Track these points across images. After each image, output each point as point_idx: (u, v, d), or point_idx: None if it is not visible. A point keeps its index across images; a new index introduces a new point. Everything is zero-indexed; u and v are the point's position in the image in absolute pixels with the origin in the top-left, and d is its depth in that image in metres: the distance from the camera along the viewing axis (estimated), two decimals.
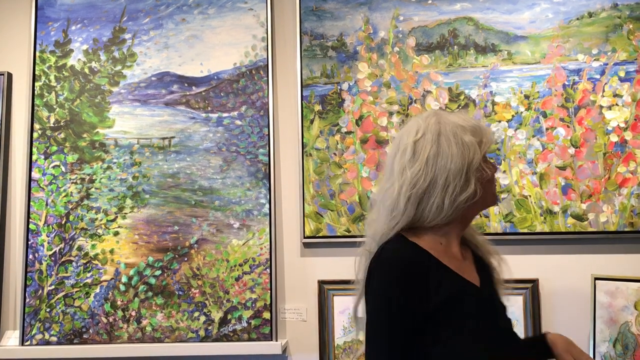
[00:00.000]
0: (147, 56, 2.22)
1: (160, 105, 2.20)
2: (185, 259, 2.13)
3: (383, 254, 1.19)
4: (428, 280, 1.15)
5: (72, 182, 2.19)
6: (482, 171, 1.20)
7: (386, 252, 1.19)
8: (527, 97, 2.05)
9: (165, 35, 2.22)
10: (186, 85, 2.20)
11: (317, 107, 2.14)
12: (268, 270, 2.10)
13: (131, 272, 2.14)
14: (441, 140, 1.19)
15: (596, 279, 1.86)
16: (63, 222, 2.18)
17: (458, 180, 1.17)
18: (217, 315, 2.10)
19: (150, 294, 2.13)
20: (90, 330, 2.13)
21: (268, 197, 2.12)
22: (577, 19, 2.05)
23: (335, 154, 2.12)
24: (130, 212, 2.16)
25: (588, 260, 2.00)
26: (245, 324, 2.09)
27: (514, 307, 1.99)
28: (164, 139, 2.19)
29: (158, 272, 2.13)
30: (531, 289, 2.00)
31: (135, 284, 2.14)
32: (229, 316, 2.10)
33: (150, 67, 2.21)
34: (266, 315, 2.09)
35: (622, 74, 2.01)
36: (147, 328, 2.12)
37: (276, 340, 2.07)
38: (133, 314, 2.13)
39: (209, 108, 2.18)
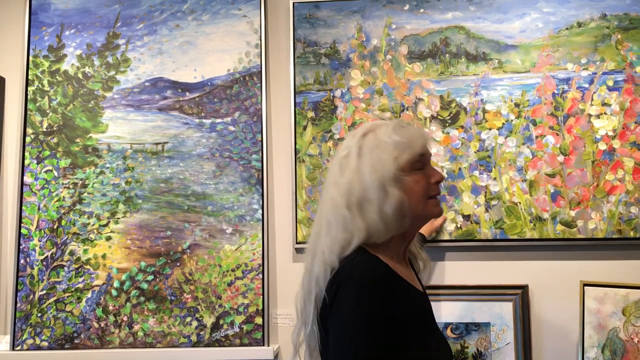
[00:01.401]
0: (140, 62, 2.23)
1: (154, 111, 2.20)
2: (178, 264, 2.13)
3: (354, 273, 1.18)
4: (396, 294, 1.18)
5: (65, 187, 2.19)
6: (400, 181, 1.24)
7: (357, 271, 1.18)
8: (517, 105, 2.08)
9: (159, 41, 2.23)
10: (180, 90, 2.21)
11: (310, 114, 2.15)
12: (260, 275, 2.11)
13: (123, 277, 2.14)
14: (360, 157, 1.25)
15: (585, 285, 1.88)
16: (55, 227, 2.17)
17: (375, 193, 1.21)
18: (209, 321, 2.11)
19: (142, 299, 2.13)
20: (82, 335, 2.13)
21: (261, 202, 2.13)
22: (567, 28, 2.08)
23: (327, 160, 2.14)
24: (122, 217, 2.17)
25: (577, 267, 2.03)
26: (237, 329, 2.10)
27: (504, 312, 2.02)
28: (157, 144, 2.19)
29: (150, 277, 2.14)
30: (521, 294, 2.02)
31: (127, 289, 2.14)
32: (221, 321, 2.10)
33: (144, 72, 2.22)
34: (258, 320, 2.09)
35: (610, 83, 2.04)
36: (138, 333, 2.12)
37: (268, 345, 2.08)
38: (125, 319, 2.12)
39: (203, 114, 2.19)
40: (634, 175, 2.00)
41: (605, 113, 2.04)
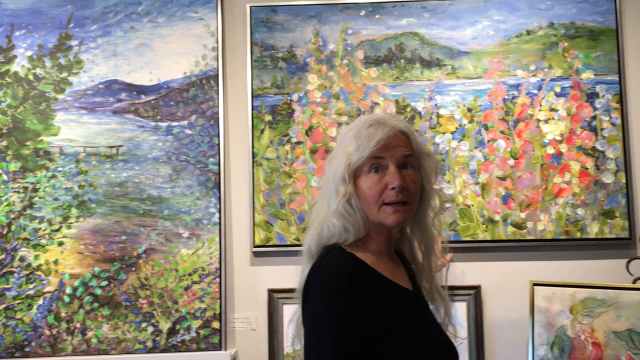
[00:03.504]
0: (94, 63, 2.19)
1: (108, 113, 2.17)
2: (133, 269, 2.10)
3: (322, 267, 1.18)
4: (369, 290, 1.15)
5: (15, 191, 2.13)
6: (349, 184, 1.22)
7: (326, 265, 1.18)
8: (469, 110, 2.13)
9: (113, 42, 2.19)
10: (135, 93, 2.18)
11: (268, 117, 2.16)
12: (218, 279, 2.10)
13: (76, 283, 2.10)
14: (335, 154, 1.27)
15: (534, 284, 1.93)
16: (4, 232, 2.11)
17: (332, 193, 1.23)
18: (165, 326, 2.08)
19: (96, 305, 2.09)
20: (33, 343, 2.07)
21: (218, 206, 2.12)
22: (516, 36, 2.15)
23: (285, 163, 2.14)
24: (75, 221, 2.12)
25: (527, 267, 2.10)
26: (194, 334, 2.08)
27: (458, 312, 2.06)
28: (111, 147, 2.16)
29: (104, 283, 2.10)
30: (474, 295, 2.07)
31: (81, 295, 2.09)
32: (178, 326, 2.08)
33: (97, 74, 2.18)
34: (215, 324, 2.08)
35: (557, 90, 2.12)
36: (92, 340, 2.07)
37: (225, 350, 2.07)
38: (78, 325, 2.08)
39: (158, 117, 2.17)
40: (580, 178, 2.08)
41: (553, 118, 2.11)
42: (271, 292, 2.11)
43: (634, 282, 1.89)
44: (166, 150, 2.15)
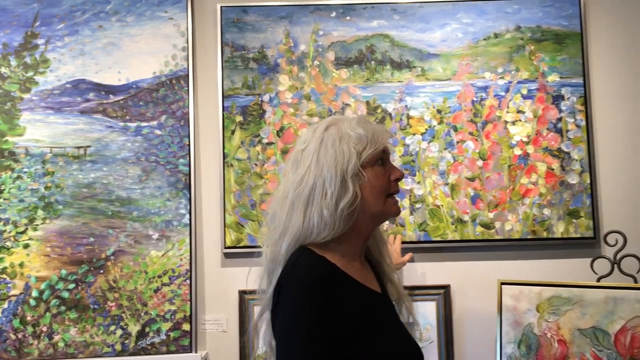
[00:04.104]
0: (61, 63, 2.15)
1: (75, 113, 2.13)
2: (101, 271, 2.07)
3: (295, 274, 1.16)
4: (340, 294, 1.14)
5: None
6: (361, 176, 1.21)
7: (298, 271, 1.16)
8: (439, 111, 2.16)
9: (81, 41, 2.16)
10: (103, 93, 2.15)
11: (239, 118, 2.15)
12: (188, 281, 2.08)
13: (42, 286, 2.06)
14: (320, 148, 1.22)
15: (502, 283, 1.96)
16: None
17: (334, 187, 1.18)
18: (134, 329, 2.06)
19: (63, 308, 2.05)
20: None
21: (188, 207, 2.11)
22: (484, 39, 2.18)
23: (256, 164, 2.14)
24: (42, 223, 2.08)
25: (495, 266, 2.13)
26: (164, 337, 2.06)
27: (428, 312, 2.08)
28: (79, 147, 2.12)
29: (72, 286, 2.06)
30: (443, 294, 2.10)
31: (47, 299, 2.06)
32: (147, 329, 2.06)
33: (64, 74, 2.15)
34: (186, 326, 2.06)
35: (524, 92, 2.16)
36: (59, 344, 2.04)
37: (196, 352, 2.06)
38: (44, 329, 2.04)
39: (127, 117, 2.14)
40: (546, 179, 2.13)
41: (520, 120, 2.15)
42: (242, 293, 2.10)
43: (598, 280, 1.93)
44: (135, 150, 2.13)
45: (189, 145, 2.13)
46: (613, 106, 2.20)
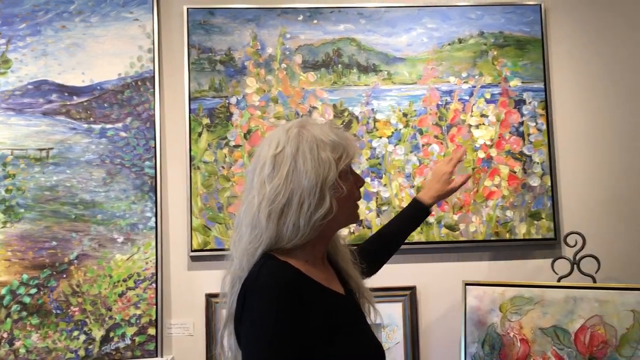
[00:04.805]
0: (23, 63, 2.11)
1: (38, 115, 2.09)
2: (64, 275, 2.04)
3: (260, 281, 1.13)
4: (305, 299, 1.13)
5: None
6: (338, 188, 1.18)
7: (263, 278, 1.13)
8: (405, 115, 2.18)
9: (43, 42, 2.12)
10: (66, 94, 2.11)
11: (206, 121, 2.14)
12: (154, 285, 2.06)
13: (3, 292, 2.01)
14: (298, 155, 1.17)
15: (466, 284, 2.00)
16: None
17: (312, 198, 1.15)
18: (98, 334, 2.03)
19: (24, 313, 2.01)
20: None
21: (154, 210, 2.09)
22: (449, 44, 2.22)
23: (223, 167, 2.13)
24: (2, 227, 2.04)
25: (460, 267, 2.16)
26: (128, 341, 2.03)
27: (394, 313, 2.11)
28: (41, 150, 2.08)
29: (33, 291, 2.02)
30: (409, 295, 2.12)
31: (8, 304, 2.01)
32: (112, 334, 2.03)
33: (26, 74, 2.10)
34: (151, 331, 2.04)
35: (487, 96, 2.20)
36: (20, 350, 1.99)
37: (162, 356, 2.04)
38: (5, 335, 1.99)
39: (92, 119, 2.11)
40: (509, 181, 2.17)
41: (483, 124, 2.19)
42: (209, 296, 2.09)
43: (559, 280, 1.98)
44: (100, 153, 2.10)
45: (154, 147, 2.11)
46: (573, 110, 2.26)
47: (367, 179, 2.14)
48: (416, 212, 1.69)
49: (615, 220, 2.23)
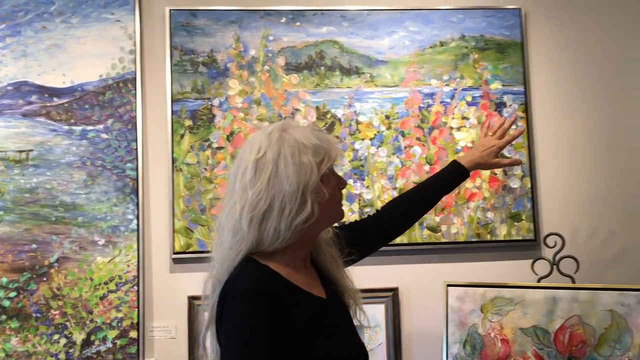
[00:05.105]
0: (2, 64, 2.08)
1: (17, 116, 2.07)
2: (44, 278, 2.02)
3: (237, 284, 1.13)
4: (284, 302, 1.13)
5: None
6: (319, 192, 1.18)
7: (241, 281, 1.13)
8: (387, 117, 2.20)
9: (23, 42, 2.10)
10: (47, 96, 2.09)
11: (188, 122, 2.13)
12: (135, 287, 2.05)
13: None
14: (280, 160, 1.16)
15: (448, 285, 2.01)
16: None
17: (294, 203, 1.15)
18: (79, 337, 2.01)
19: (3, 317, 1.99)
20: None
21: (136, 212, 2.08)
22: (431, 47, 2.24)
23: (206, 169, 2.13)
24: None
25: (441, 268, 2.18)
26: (110, 345, 2.02)
27: (377, 314, 2.11)
28: (20, 152, 2.06)
29: (13, 294, 2.00)
30: (392, 297, 2.14)
31: None
32: (93, 337, 2.01)
33: (5, 75, 2.08)
34: (133, 334, 2.03)
35: (469, 99, 2.23)
36: None
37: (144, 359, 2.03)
38: None
39: (72, 120, 2.09)
40: (489, 183, 2.20)
41: (464, 126, 2.22)
42: (191, 299, 2.08)
43: (539, 281, 2.01)
44: (81, 155, 2.08)
45: (136, 149, 2.10)
46: (552, 113, 2.29)
47: (350, 181, 2.15)
48: (453, 173, 1.65)
49: (594, 222, 2.26)
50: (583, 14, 2.34)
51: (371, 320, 2.10)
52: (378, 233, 1.55)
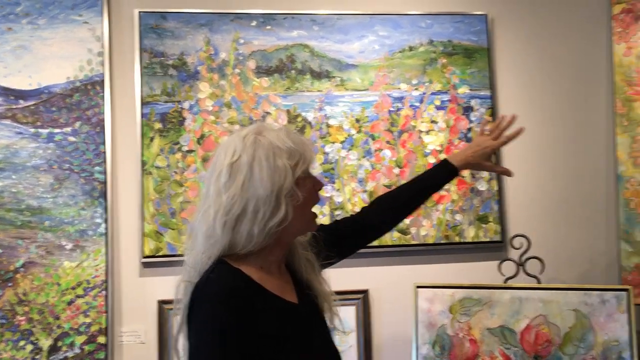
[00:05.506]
0: None
1: None
2: (10, 284, 1.98)
3: (207, 287, 1.13)
4: (253, 307, 1.13)
5: None
6: (294, 195, 1.17)
7: (210, 284, 1.13)
8: (357, 120, 2.22)
9: None
10: (12, 98, 2.05)
11: (158, 125, 2.12)
12: (104, 292, 2.02)
13: None
14: (254, 163, 1.15)
15: (417, 287, 2.04)
16: None
17: (268, 206, 1.14)
18: (45, 343, 1.98)
19: None
20: None
21: (104, 216, 2.05)
22: (400, 51, 2.27)
23: (176, 172, 2.11)
24: None
25: (411, 270, 2.20)
26: (77, 350, 1.99)
27: (347, 317, 2.13)
28: None
29: None
30: (362, 299, 2.15)
31: None
32: (60, 343, 1.98)
33: None
34: (101, 339, 2.00)
35: (437, 103, 2.26)
36: None
37: None
38: None
39: (39, 123, 2.06)
40: (458, 186, 2.23)
41: (433, 130, 2.25)
42: (161, 303, 2.07)
43: (505, 281, 2.05)
44: (47, 158, 2.05)
45: (105, 152, 2.08)
46: (518, 116, 2.33)
47: None
48: (443, 172, 1.60)
49: (559, 223, 2.32)
50: (547, 20, 2.40)
51: (342, 323, 2.11)
52: (361, 232, 1.54)
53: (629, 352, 1.82)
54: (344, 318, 2.08)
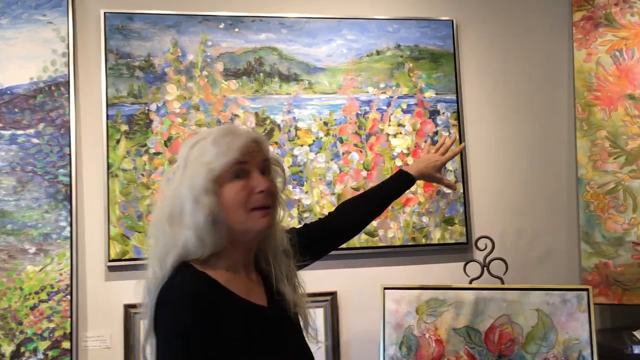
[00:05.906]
0: None
1: None
2: None
3: (171, 291, 1.13)
4: (219, 310, 1.13)
5: None
6: (215, 192, 1.17)
7: (174, 288, 1.14)
8: (326, 124, 2.23)
9: None
10: None
11: (124, 127, 2.10)
12: (68, 296, 1.99)
13: None
14: (186, 164, 1.20)
15: (385, 288, 2.05)
16: None
17: (189, 206, 1.16)
18: (7, 349, 1.93)
19: None
20: None
21: (69, 219, 2.02)
22: (368, 55, 2.29)
23: (143, 174, 2.09)
24: None
25: (379, 272, 2.23)
26: (41, 356, 1.95)
27: (316, 318, 2.13)
28: None
29: None
30: (330, 301, 2.17)
31: None
32: (23, 349, 1.94)
33: None
34: (66, 344, 1.97)
35: (404, 106, 2.29)
36: None
37: None
38: None
39: (1, 124, 2.02)
40: (424, 188, 2.27)
41: (400, 133, 2.28)
42: (127, 307, 2.04)
43: (470, 282, 2.08)
44: (10, 160, 2.01)
45: (69, 154, 2.04)
46: (483, 121, 2.39)
47: (289, 187, 2.17)
48: (401, 180, 1.72)
49: (522, 225, 2.37)
50: (512, 28, 2.45)
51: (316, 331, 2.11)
52: (329, 236, 1.59)
53: (589, 350, 1.86)
54: (313, 319, 2.11)
